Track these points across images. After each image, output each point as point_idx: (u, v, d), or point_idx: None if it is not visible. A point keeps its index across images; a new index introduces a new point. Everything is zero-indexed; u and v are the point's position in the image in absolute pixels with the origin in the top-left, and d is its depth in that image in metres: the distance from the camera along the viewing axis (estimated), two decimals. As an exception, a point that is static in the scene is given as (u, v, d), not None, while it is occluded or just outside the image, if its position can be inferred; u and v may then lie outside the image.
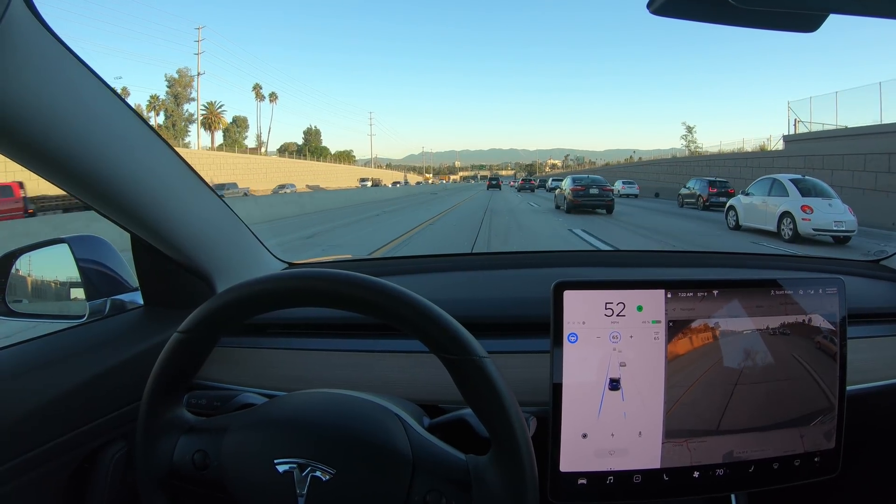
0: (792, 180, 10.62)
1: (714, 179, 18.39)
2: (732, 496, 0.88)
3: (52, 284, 0.97)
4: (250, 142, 68.80)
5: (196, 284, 0.88)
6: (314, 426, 0.59)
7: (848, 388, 0.75)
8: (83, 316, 0.87)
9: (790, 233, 9.84)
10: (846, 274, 1.06)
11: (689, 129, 61.01)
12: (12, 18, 0.50)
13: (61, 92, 0.58)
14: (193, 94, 58.30)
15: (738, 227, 11.67)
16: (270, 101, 72.92)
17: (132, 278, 0.93)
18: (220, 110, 61.97)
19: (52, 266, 0.94)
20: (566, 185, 18.12)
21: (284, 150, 76.93)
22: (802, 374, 0.73)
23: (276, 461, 0.57)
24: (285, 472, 0.56)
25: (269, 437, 0.59)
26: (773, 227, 10.34)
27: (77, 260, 0.89)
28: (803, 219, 9.60)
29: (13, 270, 0.90)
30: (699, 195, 17.84)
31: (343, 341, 0.89)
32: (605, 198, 16.50)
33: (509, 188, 52.98)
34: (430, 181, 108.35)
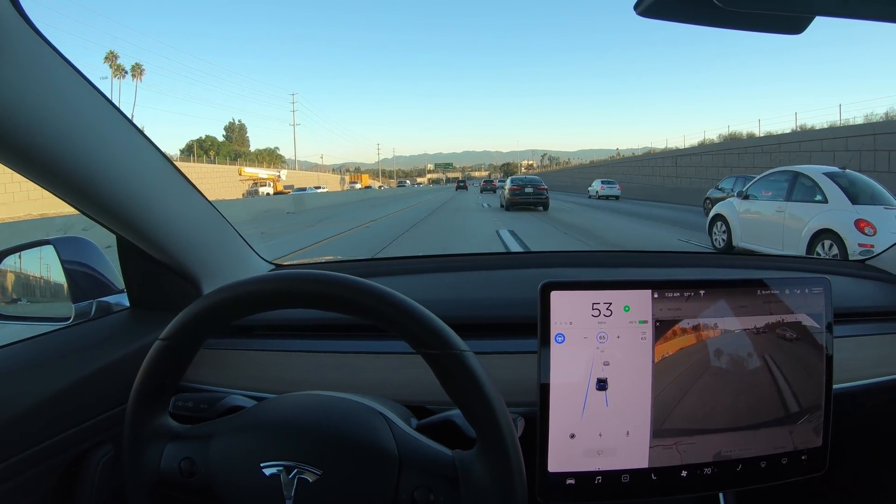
0: (829, 175, 6.31)
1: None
2: (720, 495, 0.88)
3: (38, 286, 0.96)
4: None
5: (182, 286, 0.88)
6: (298, 428, 0.59)
7: (834, 386, 0.76)
8: (69, 318, 0.86)
9: (834, 264, 5.83)
10: (832, 273, 1.07)
11: None
12: None
13: (47, 92, 0.57)
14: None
15: (729, 249, 7.53)
16: (134, 76, 52.90)
17: (118, 280, 0.93)
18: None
19: (37, 268, 0.93)
20: (506, 185, 19.52)
21: (187, 151, 62.80)
22: (789, 373, 0.74)
23: (262, 465, 0.57)
24: (272, 475, 0.56)
25: (254, 441, 0.59)
26: (797, 254, 6.06)
27: (62, 261, 0.88)
28: (861, 244, 5.50)
29: (-3, 272, 0.89)
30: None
31: (330, 343, 0.88)
32: (540, 196, 18.37)
33: (475, 189, 54.86)
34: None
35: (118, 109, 0.68)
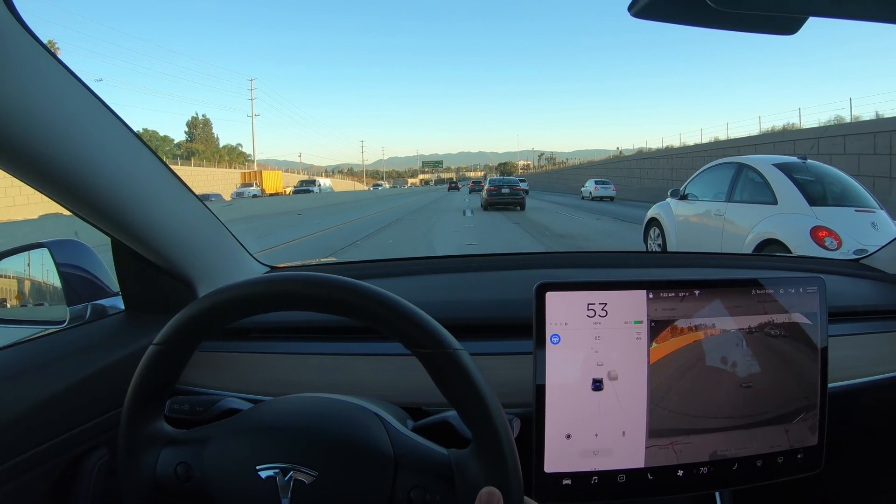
0: (780, 166, 4.77)
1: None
2: (717, 494, 0.88)
3: (32, 289, 0.95)
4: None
5: (177, 289, 0.87)
6: (294, 430, 0.59)
7: (829, 385, 0.76)
8: (63, 321, 0.85)
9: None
10: (826, 273, 1.08)
11: None
12: None
13: (41, 94, 0.57)
14: None
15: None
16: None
17: (113, 283, 0.92)
18: None
19: (32, 271, 0.93)
20: (485, 186, 20.79)
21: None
22: (785, 372, 0.74)
23: (257, 467, 0.56)
24: (268, 477, 0.56)
25: (249, 444, 0.59)
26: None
27: (57, 264, 0.87)
28: None
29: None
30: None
31: (325, 345, 0.88)
32: (516, 196, 19.63)
33: (466, 189, 54.61)
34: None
35: (112, 111, 0.68)
